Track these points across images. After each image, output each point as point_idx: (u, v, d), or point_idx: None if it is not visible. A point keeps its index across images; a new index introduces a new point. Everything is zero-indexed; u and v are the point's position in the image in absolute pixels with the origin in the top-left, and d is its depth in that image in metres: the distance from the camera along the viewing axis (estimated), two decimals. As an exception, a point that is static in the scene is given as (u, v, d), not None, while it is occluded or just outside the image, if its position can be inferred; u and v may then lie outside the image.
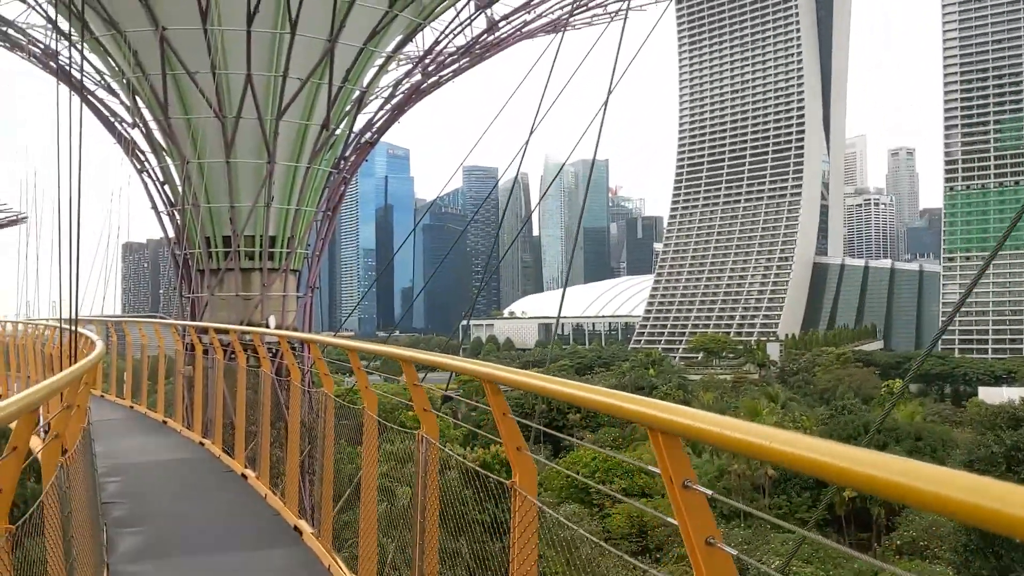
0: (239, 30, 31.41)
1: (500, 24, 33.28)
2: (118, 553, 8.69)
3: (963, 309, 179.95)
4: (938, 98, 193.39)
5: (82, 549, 6.09)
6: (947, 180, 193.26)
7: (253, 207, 34.82)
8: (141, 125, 35.12)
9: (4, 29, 35.81)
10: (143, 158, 37.11)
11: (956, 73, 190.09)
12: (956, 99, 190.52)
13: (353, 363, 7.91)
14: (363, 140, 38.24)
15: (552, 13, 33.88)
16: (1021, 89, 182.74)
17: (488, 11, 32.44)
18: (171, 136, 34.31)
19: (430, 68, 36.25)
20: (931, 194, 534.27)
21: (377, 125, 37.93)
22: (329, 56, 32.61)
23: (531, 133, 20.69)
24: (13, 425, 3.74)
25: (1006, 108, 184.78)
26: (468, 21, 32.85)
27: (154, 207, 37.36)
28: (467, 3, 32.15)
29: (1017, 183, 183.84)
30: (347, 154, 38.21)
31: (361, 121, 37.91)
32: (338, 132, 36.51)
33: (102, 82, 36.46)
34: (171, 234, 37.48)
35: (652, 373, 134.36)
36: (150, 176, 37.02)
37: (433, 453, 5.98)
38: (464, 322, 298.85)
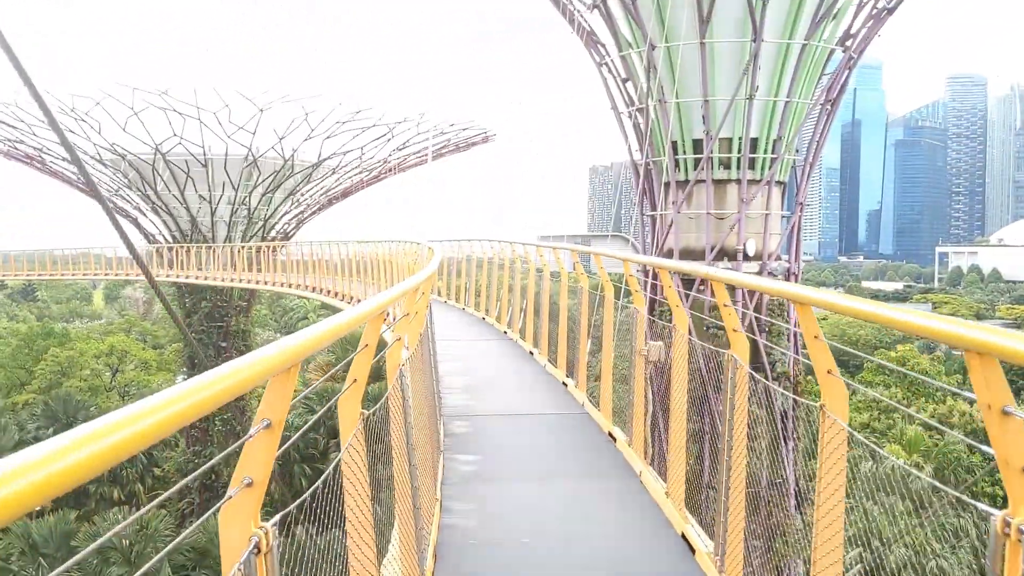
0: None
1: None
2: (453, 441, 9.86)
3: None
4: None
5: (421, 435, 6.45)
6: None
7: (732, 101, 27.66)
8: (601, 5, 29.43)
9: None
10: (603, 51, 31.72)
11: None
12: None
13: (663, 281, 7.91)
14: (877, 6, 28.77)
15: None
16: None
17: None
18: (635, 16, 28.19)
19: None
20: None
21: (900, -18, 28.18)
22: None
23: None
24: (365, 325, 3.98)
25: None
26: None
27: (614, 107, 31.91)
28: None
29: None
30: (853, 27, 29.13)
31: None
32: (846, -5, 27.65)
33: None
34: (632, 141, 31.81)
35: None
36: (610, 71, 31.54)
37: (741, 374, 5.87)
38: (940, 249, 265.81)
